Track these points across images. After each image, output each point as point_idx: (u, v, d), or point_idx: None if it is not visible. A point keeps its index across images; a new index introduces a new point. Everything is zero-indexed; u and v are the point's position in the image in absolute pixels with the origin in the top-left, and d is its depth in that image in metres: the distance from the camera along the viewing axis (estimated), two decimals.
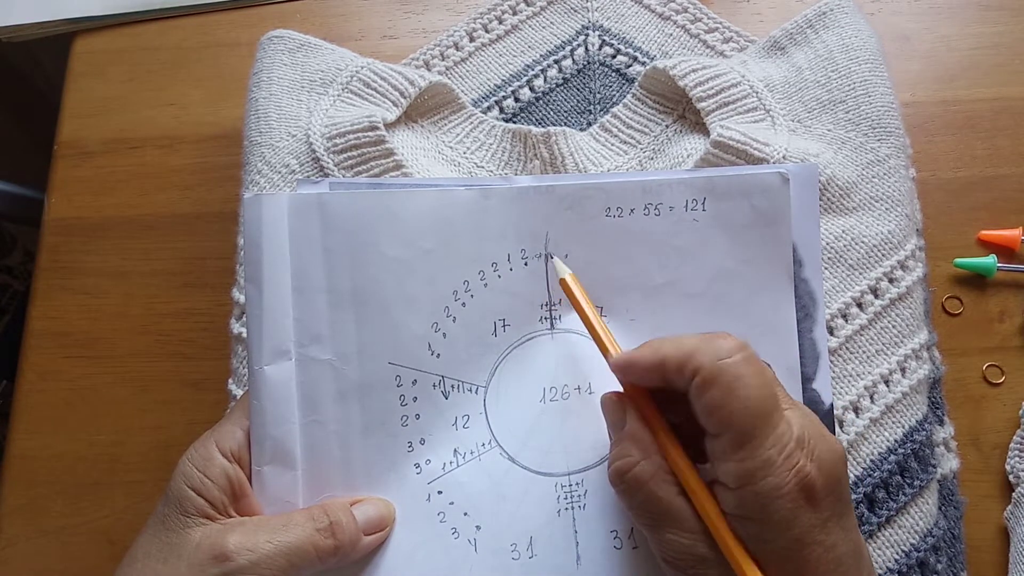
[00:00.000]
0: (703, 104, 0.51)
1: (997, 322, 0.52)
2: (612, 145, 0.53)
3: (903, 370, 0.46)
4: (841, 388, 0.46)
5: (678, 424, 0.34)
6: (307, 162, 0.51)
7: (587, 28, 0.58)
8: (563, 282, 0.39)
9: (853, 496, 0.44)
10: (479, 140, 0.54)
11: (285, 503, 0.38)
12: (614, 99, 0.56)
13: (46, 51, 0.66)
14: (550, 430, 0.40)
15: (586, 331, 0.40)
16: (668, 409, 0.34)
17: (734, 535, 0.31)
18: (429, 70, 0.58)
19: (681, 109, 0.53)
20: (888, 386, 0.46)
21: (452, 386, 0.40)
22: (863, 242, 0.48)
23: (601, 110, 0.56)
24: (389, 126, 0.51)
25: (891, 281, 0.47)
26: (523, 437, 0.40)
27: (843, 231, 0.48)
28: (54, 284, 0.56)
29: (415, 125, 0.54)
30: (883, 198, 0.48)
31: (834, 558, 0.31)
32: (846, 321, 0.47)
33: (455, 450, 0.39)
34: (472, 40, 0.59)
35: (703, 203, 0.40)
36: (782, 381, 0.39)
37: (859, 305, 0.47)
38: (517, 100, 0.57)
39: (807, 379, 0.41)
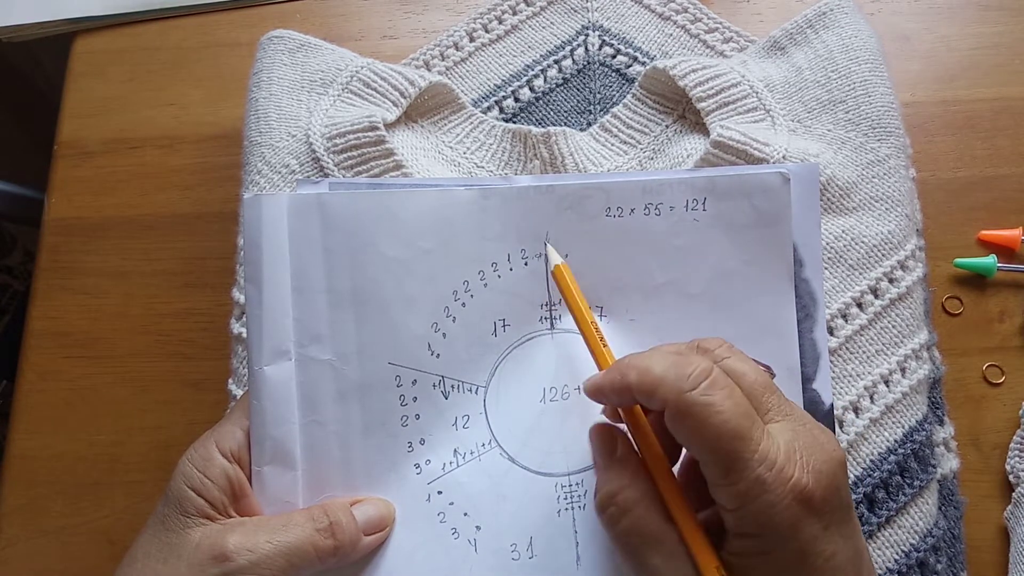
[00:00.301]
0: (703, 104, 0.51)
1: (997, 322, 0.52)
2: (612, 145, 0.53)
3: (903, 370, 0.46)
4: (841, 388, 0.46)
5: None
6: (307, 162, 0.51)
7: (587, 28, 0.58)
8: (556, 271, 0.39)
9: (853, 496, 0.44)
10: (479, 140, 0.54)
11: (285, 503, 0.38)
12: (614, 99, 0.56)
13: (46, 51, 0.66)
14: (550, 430, 0.40)
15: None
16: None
17: (717, 559, 0.31)
18: (429, 70, 0.58)
19: (681, 109, 0.53)
20: (888, 386, 0.46)
21: (452, 386, 0.40)
22: (863, 242, 0.48)
23: (601, 110, 0.56)
24: (389, 126, 0.51)
25: (891, 281, 0.47)
26: (523, 437, 0.40)
27: (843, 231, 0.48)
28: (54, 284, 0.56)
29: (415, 125, 0.54)
30: (883, 198, 0.48)
31: (833, 567, 0.30)
32: (846, 321, 0.47)
33: (455, 450, 0.39)
34: (472, 40, 0.59)
35: (704, 203, 0.40)
36: (782, 382, 0.39)
37: (859, 305, 0.47)
38: (517, 100, 0.57)
39: (807, 379, 0.41)
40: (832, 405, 0.41)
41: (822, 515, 0.30)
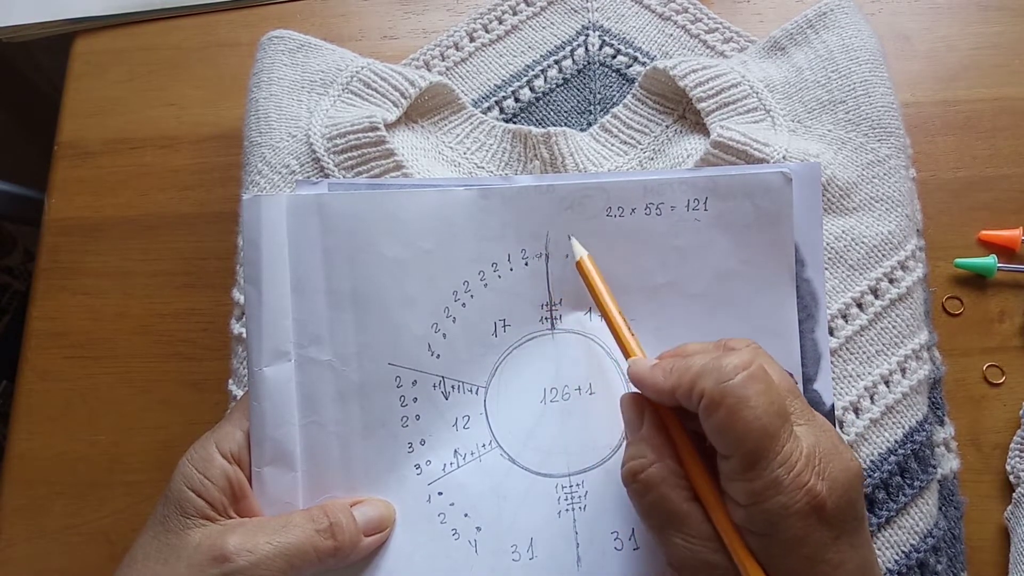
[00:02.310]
0: (703, 104, 0.51)
1: (997, 322, 0.52)
2: (612, 145, 0.53)
3: (903, 370, 0.46)
4: (841, 389, 0.46)
5: (698, 432, 0.33)
6: (307, 162, 0.50)
7: (587, 28, 0.58)
8: (580, 263, 0.39)
9: None
10: (479, 140, 0.54)
11: (285, 504, 0.38)
12: (614, 99, 0.56)
13: (46, 51, 0.66)
14: (551, 431, 0.39)
15: (587, 331, 0.40)
16: (687, 417, 0.34)
17: (745, 545, 0.31)
18: (429, 70, 0.58)
19: (681, 109, 0.53)
20: (888, 387, 0.46)
21: (452, 387, 0.40)
22: (863, 242, 0.48)
23: (601, 110, 0.56)
24: (389, 126, 0.51)
25: (891, 281, 0.47)
26: (524, 438, 0.39)
27: (843, 231, 0.48)
28: (54, 284, 0.56)
29: (415, 125, 0.54)
30: (883, 198, 0.48)
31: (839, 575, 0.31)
32: (846, 321, 0.47)
33: (455, 451, 0.39)
34: (472, 40, 0.59)
35: (705, 203, 0.40)
36: None
37: (859, 305, 0.47)
38: (517, 100, 0.57)
39: (808, 380, 0.41)
40: (833, 406, 0.41)
41: (833, 524, 0.30)
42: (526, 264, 0.40)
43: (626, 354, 0.36)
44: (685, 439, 0.33)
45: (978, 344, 0.51)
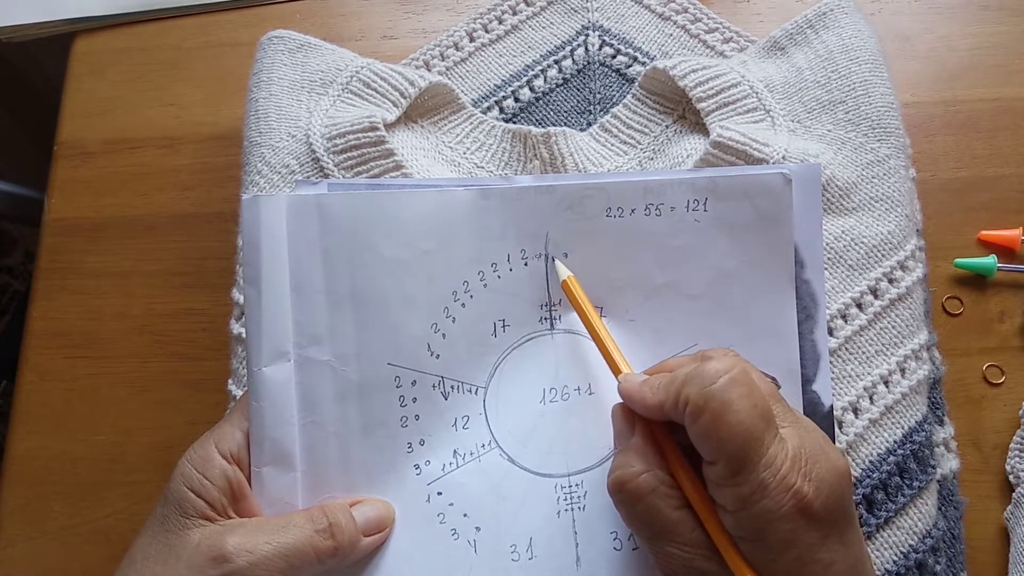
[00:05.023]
0: (703, 104, 0.51)
1: (997, 322, 0.52)
2: (612, 145, 0.53)
3: (903, 371, 0.46)
4: (840, 389, 0.46)
5: (688, 446, 0.33)
6: (307, 162, 0.50)
7: (587, 28, 0.58)
8: (564, 284, 0.39)
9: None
10: (479, 140, 0.54)
11: (285, 504, 0.38)
12: (614, 99, 0.56)
13: (46, 51, 0.66)
14: (550, 431, 0.39)
15: (585, 332, 0.41)
16: (678, 432, 0.34)
17: (738, 552, 0.31)
18: (429, 70, 0.58)
19: (681, 109, 0.53)
20: (888, 387, 0.46)
21: (452, 387, 0.40)
22: (863, 242, 0.48)
23: (601, 110, 0.56)
24: (389, 126, 0.51)
25: (891, 281, 0.47)
26: (523, 438, 0.40)
27: (843, 231, 0.48)
28: (54, 284, 0.56)
29: (415, 125, 0.54)
30: (883, 198, 0.48)
31: (831, 574, 0.30)
32: (845, 322, 0.47)
33: (455, 451, 0.39)
34: (472, 40, 0.59)
35: (704, 203, 0.40)
36: (782, 384, 0.39)
37: (859, 306, 0.47)
38: (517, 100, 0.57)
39: (807, 381, 0.41)
40: (832, 407, 0.41)
41: (822, 524, 0.30)
42: (526, 264, 0.40)
43: (615, 372, 0.37)
44: (674, 447, 0.33)
45: (978, 344, 0.51)
